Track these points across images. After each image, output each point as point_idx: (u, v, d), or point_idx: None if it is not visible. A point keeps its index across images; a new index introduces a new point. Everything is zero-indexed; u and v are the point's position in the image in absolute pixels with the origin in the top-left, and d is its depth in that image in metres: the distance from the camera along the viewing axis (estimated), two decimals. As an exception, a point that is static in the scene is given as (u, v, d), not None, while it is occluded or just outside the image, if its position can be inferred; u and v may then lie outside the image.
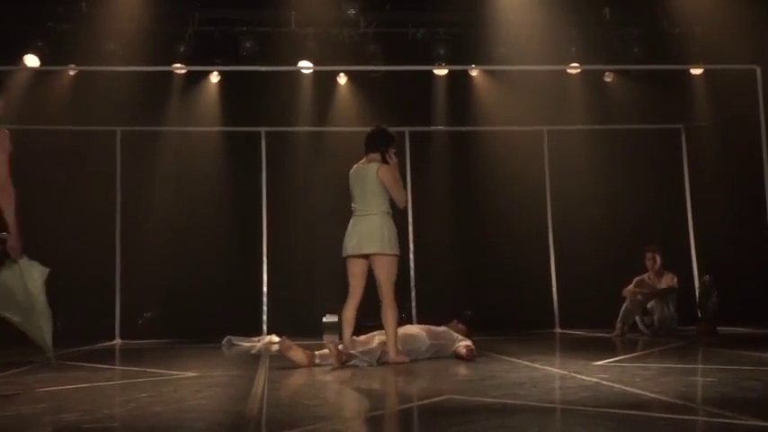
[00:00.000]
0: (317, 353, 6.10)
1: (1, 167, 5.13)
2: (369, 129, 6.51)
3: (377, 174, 6.25)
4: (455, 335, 6.59)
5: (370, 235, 6.18)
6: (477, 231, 11.35)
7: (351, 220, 6.36)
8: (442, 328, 6.59)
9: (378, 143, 6.37)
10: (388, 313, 6.14)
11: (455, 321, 6.86)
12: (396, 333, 6.19)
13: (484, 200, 11.35)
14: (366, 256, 6.24)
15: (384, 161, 6.32)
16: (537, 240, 11.01)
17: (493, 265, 11.16)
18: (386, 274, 6.19)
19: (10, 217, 5.18)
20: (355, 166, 6.46)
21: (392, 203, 6.30)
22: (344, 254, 6.32)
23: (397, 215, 6.51)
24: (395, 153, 6.40)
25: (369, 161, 6.37)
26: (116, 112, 10.64)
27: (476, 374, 5.34)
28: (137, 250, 10.63)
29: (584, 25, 11.04)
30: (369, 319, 6.79)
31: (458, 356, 6.33)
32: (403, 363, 6.10)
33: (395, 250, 6.23)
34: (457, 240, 11.32)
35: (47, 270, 5.52)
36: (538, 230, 11.03)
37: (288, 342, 6.08)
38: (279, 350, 6.05)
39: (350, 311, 6.31)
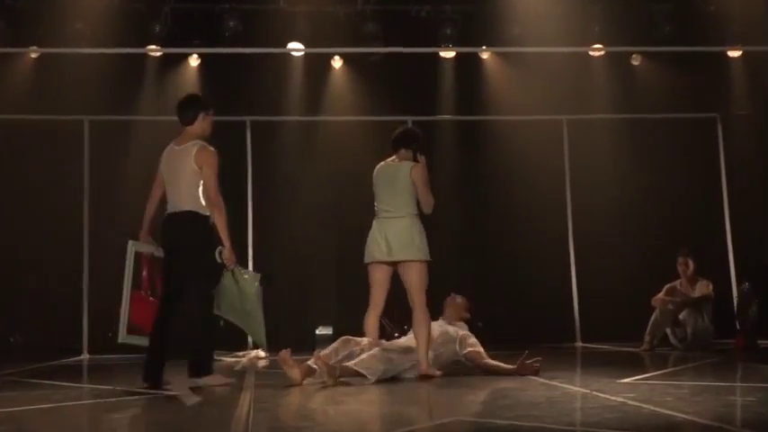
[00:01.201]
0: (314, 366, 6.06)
1: (211, 183, 6.04)
2: (400, 126, 6.78)
3: (410, 173, 6.38)
4: (451, 333, 6.55)
5: (401, 240, 6.31)
6: (488, 233, 11.33)
7: (374, 223, 6.48)
8: (438, 330, 6.54)
9: (410, 140, 6.54)
10: (421, 323, 6.26)
11: (452, 294, 6.86)
12: (428, 344, 6.28)
13: (495, 198, 11.34)
14: (394, 263, 6.35)
15: (415, 160, 6.45)
16: (555, 243, 11.00)
17: (506, 270, 11.14)
18: (418, 282, 6.31)
19: (222, 229, 6.10)
20: (382, 163, 6.59)
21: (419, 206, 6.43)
22: (368, 259, 6.44)
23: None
24: (422, 154, 6.54)
25: (400, 159, 6.50)
26: (83, 100, 10.61)
27: (486, 393, 5.33)
28: (107, 253, 10.58)
29: (609, 2, 11.04)
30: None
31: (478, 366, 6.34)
32: (434, 376, 6.16)
33: (427, 256, 6.35)
34: (465, 244, 11.32)
35: (259, 275, 6.54)
36: (556, 232, 11.02)
37: (287, 355, 5.99)
38: (281, 362, 5.98)
39: (371, 319, 6.44)
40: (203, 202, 6.08)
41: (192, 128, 6.33)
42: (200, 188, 6.08)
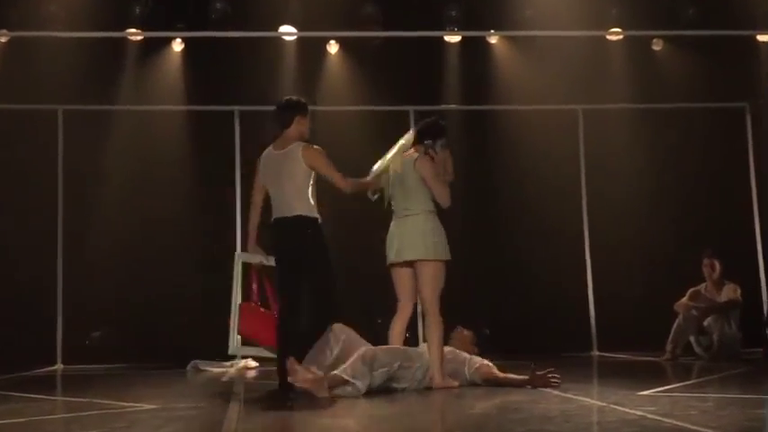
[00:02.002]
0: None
1: (334, 174, 6.48)
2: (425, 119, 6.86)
3: (414, 166, 6.48)
4: (463, 354, 6.57)
5: (411, 238, 6.40)
6: (496, 232, 11.34)
7: (392, 223, 6.61)
8: (448, 349, 6.57)
9: (424, 134, 6.66)
10: (433, 330, 6.31)
11: (459, 328, 6.87)
12: (441, 353, 6.30)
13: (505, 194, 11.35)
14: (410, 264, 6.43)
15: (426, 153, 6.56)
16: (569, 242, 11.00)
17: (516, 273, 11.14)
18: (429, 284, 6.39)
19: (362, 182, 6.69)
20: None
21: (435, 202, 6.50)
22: (388, 261, 6.57)
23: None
24: (446, 147, 6.66)
25: (408, 155, 6.62)
26: (58, 88, 10.62)
27: (496, 407, 5.33)
28: (83, 255, 10.62)
29: (628, -19, 11.05)
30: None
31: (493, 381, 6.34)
32: (451, 388, 6.19)
33: (441, 255, 6.42)
34: (472, 243, 11.28)
35: None
36: (570, 230, 11.01)
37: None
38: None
39: (397, 327, 6.55)
40: (312, 202, 6.46)
41: (290, 131, 6.70)
42: (311, 189, 6.47)
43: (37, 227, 10.48)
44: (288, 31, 10.75)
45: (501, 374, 6.42)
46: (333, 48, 11.61)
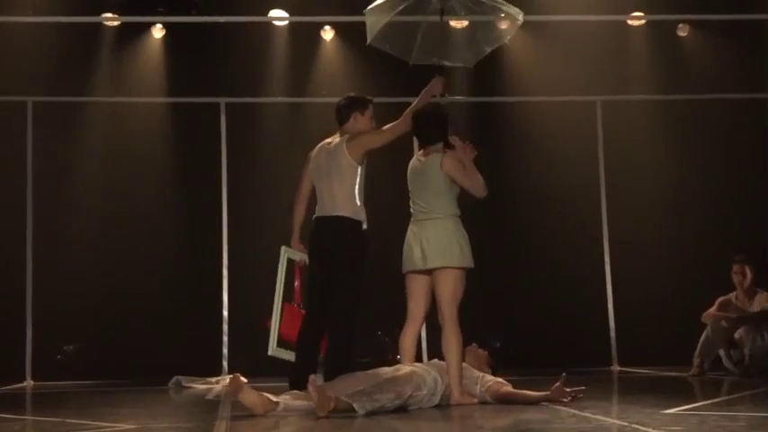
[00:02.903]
0: (281, 398, 6.07)
1: (378, 137, 6.81)
2: (425, 111, 6.84)
3: (441, 167, 6.53)
4: (475, 372, 6.58)
5: (437, 244, 6.46)
6: (508, 237, 11.34)
7: (410, 226, 6.65)
8: (462, 365, 6.58)
9: (436, 130, 6.72)
10: (451, 341, 6.36)
11: (473, 345, 6.87)
12: (460, 367, 6.34)
13: (517, 194, 11.35)
14: (430, 271, 6.49)
15: (446, 147, 6.62)
16: (587, 246, 10.99)
17: (529, 280, 11.15)
18: (451, 293, 6.45)
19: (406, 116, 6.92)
20: (412, 160, 6.80)
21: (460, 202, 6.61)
22: (405, 269, 6.61)
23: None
24: (459, 137, 6.72)
25: (426, 154, 6.66)
26: (27, 78, 10.64)
27: (508, 426, 5.33)
28: (55, 260, 10.61)
29: (651, -39, 11.06)
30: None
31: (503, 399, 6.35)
32: (470, 404, 6.23)
33: (467, 262, 6.50)
34: (482, 248, 11.19)
35: None
36: (589, 233, 11.00)
37: (239, 380, 6.04)
38: (231, 389, 6.03)
39: (408, 338, 6.59)
40: (358, 203, 6.65)
41: (346, 127, 6.88)
42: (357, 187, 6.65)
43: (3, 228, 10.48)
44: (278, 16, 10.74)
45: (515, 391, 6.43)
46: (328, 34, 11.61)
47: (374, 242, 6.84)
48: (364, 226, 6.65)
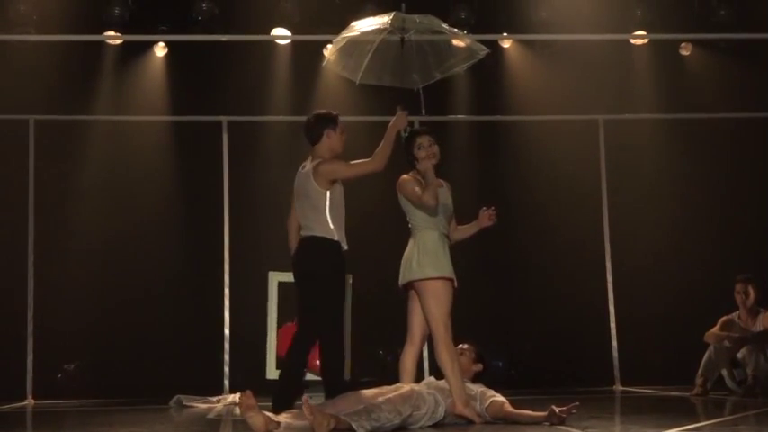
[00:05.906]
0: (281, 417, 6.06)
1: (350, 170, 6.84)
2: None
3: (398, 190, 6.61)
4: (474, 389, 6.58)
5: (405, 261, 6.50)
6: (509, 255, 11.34)
7: None
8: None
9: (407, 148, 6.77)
10: (443, 354, 6.34)
11: (462, 346, 6.83)
12: (459, 379, 6.31)
13: (518, 213, 11.33)
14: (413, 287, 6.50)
15: (413, 167, 6.64)
16: (589, 264, 10.98)
17: (531, 299, 11.15)
18: (431, 306, 6.38)
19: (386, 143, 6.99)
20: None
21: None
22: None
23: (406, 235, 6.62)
24: (430, 144, 6.70)
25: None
26: (29, 96, 10.65)
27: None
28: (56, 279, 10.62)
29: (654, -19, 11.10)
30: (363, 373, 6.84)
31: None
32: (473, 418, 6.23)
33: (434, 272, 6.40)
34: (482, 266, 11.30)
35: None
36: (591, 252, 10.99)
37: (250, 399, 6.02)
38: (242, 408, 6.03)
39: (407, 359, 6.57)
40: (330, 225, 6.70)
41: (319, 146, 6.93)
42: (328, 210, 6.70)
43: (4, 246, 10.50)
44: (281, 35, 10.78)
45: (515, 411, 6.42)
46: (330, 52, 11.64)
47: (379, 259, 6.88)
48: (344, 246, 6.71)
